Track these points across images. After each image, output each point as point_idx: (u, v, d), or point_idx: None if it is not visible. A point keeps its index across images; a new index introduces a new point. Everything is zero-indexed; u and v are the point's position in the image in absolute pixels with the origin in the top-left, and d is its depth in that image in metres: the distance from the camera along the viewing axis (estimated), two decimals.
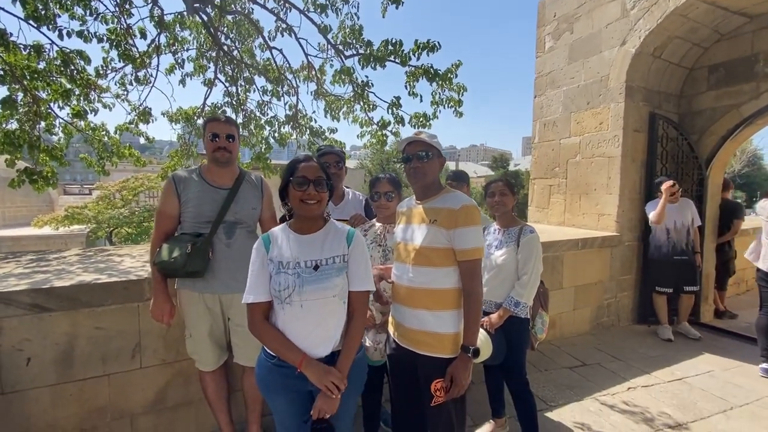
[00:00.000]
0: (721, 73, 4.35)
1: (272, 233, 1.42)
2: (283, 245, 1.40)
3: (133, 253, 2.88)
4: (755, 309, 5.28)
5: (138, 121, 4.13)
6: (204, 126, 2.04)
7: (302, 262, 1.37)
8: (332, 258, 1.40)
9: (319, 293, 1.35)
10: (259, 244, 1.40)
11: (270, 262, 1.36)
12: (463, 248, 1.47)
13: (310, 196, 1.37)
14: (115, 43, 3.41)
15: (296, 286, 1.33)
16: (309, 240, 1.42)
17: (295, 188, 1.37)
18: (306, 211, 1.39)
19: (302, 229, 1.43)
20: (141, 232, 16.88)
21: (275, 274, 1.35)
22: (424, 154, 1.56)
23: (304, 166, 1.41)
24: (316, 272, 1.36)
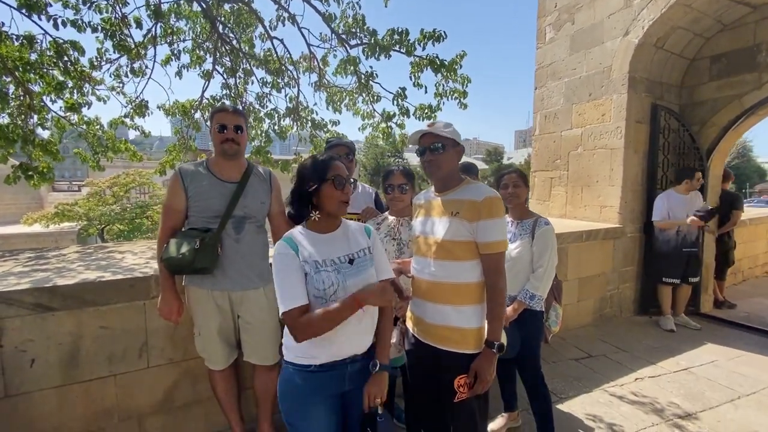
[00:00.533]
0: (723, 64, 4.34)
1: (294, 236, 1.36)
2: (312, 245, 1.35)
3: (134, 250, 2.80)
4: (752, 299, 5.40)
5: (134, 115, 4.01)
6: (211, 117, 1.97)
7: (336, 258, 1.35)
8: (361, 251, 1.42)
9: (362, 285, 1.34)
10: (285, 247, 1.32)
11: (305, 263, 1.30)
12: (486, 241, 1.44)
13: (347, 196, 1.37)
14: (110, 33, 3.29)
15: (340, 282, 1.31)
16: (332, 238, 1.40)
17: (336, 188, 1.34)
18: (342, 211, 1.38)
19: (323, 229, 1.39)
20: (133, 228, 16.68)
21: (315, 273, 1.30)
22: (437, 145, 1.51)
23: (339, 166, 1.38)
24: (352, 266, 1.36)
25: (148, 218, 17.04)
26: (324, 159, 1.39)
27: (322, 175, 1.35)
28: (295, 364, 1.34)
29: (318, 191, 1.35)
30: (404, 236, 2.02)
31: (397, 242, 2.02)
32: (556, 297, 2.24)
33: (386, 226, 2.09)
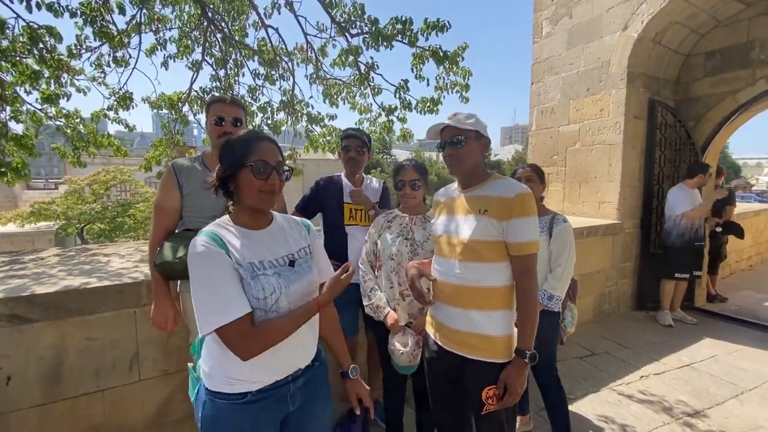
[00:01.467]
0: (718, 60, 4.35)
1: (216, 231, 1.08)
2: (242, 244, 1.09)
3: (121, 252, 2.62)
4: (741, 292, 5.49)
5: (117, 107, 3.77)
6: (207, 107, 1.81)
7: (274, 259, 1.13)
8: (302, 250, 1.22)
9: (304, 291, 1.16)
10: (210, 243, 1.03)
11: (238, 266, 1.05)
12: (517, 241, 1.33)
13: (274, 186, 1.10)
14: (90, 18, 3.05)
15: (282, 288, 1.09)
16: (266, 235, 1.16)
17: (254, 176, 1.07)
18: (266, 203, 1.11)
19: (252, 224, 1.14)
20: (114, 228, 16.15)
21: (252, 279, 1.05)
22: (458, 139, 1.41)
23: (264, 147, 1.10)
24: (293, 269, 1.15)
25: (131, 217, 16.52)
26: (247, 138, 1.12)
27: (240, 159, 1.08)
28: (224, 394, 1.07)
29: (234, 178, 1.09)
30: (418, 236, 1.91)
31: (410, 242, 1.90)
32: (571, 297, 2.17)
33: (398, 224, 1.97)
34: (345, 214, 2.24)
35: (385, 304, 1.89)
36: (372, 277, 1.98)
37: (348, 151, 2.23)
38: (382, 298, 1.90)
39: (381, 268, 1.96)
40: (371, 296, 1.92)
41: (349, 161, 2.24)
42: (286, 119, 4.18)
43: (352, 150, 2.23)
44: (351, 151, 2.22)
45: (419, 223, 1.96)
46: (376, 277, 1.99)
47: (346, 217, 2.24)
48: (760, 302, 4.98)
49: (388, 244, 1.93)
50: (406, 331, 1.81)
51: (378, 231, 2.01)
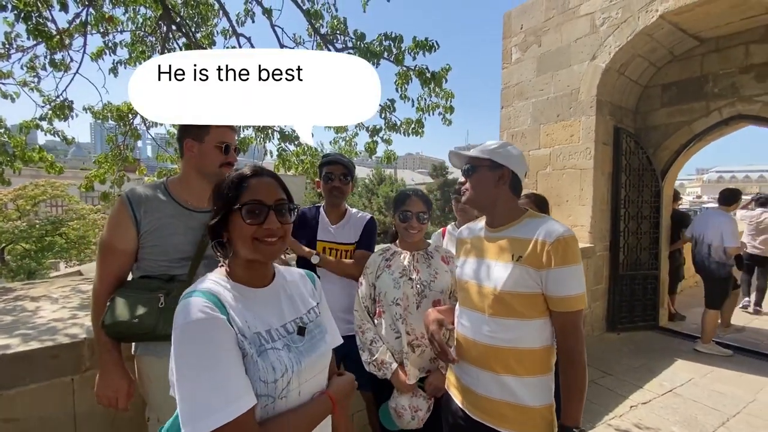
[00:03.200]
0: (674, 92, 4.65)
1: (215, 291, 0.85)
2: (244, 307, 0.87)
3: (53, 294, 2.14)
4: (694, 309, 5.76)
5: (53, 117, 3.23)
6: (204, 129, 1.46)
7: (282, 326, 0.92)
8: (311, 311, 1.02)
9: (318, 365, 0.95)
10: (208, 306, 0.79)
11: (242, 338, 0.82)
12: (561, 295, 1.14)
13: (272, 231, 0.89)
14: (24, 14, 2.58)
15: (294, 365, 0.87)
16: (269, 294, 0.94)
17: (245, 219, 0.87)
18: (264, 254, 0.89)
19: (254, 280, 0.93)
20: (42, 248, 14.46)
21: (259, 355, 0.83)
22: (468, 167, 1.29)
23: (257, 184, 0.90)
24: (304, 338, 0.94)
25: (62, 236, 14.89)
26: (239, 174, 0.91)
27: (229, 201, 0.88)
28: None
29: (225, 223, 0.89)
30: (424, 275, 1.68)
31: (416, 283, 1.66)
32: None
33: (398, 263, 1.73)
34: None
35: (391, 358, 1.62)
36: (371, 326, 1.71)
37: (330, 180, 1.93)
38: (387, 352, 1.64)
39: (381, 314, 1.71)
40: (373, 350, 1.65)
41: (332, 191, 1.94)
42: (255, 136, 3.84)
43: (335, 178, 1.93)
44: (334, 180, 1.93)
45: (423, 260, 1.74)
46: (375, 326, 1.72)
47: None
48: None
49: (390, 286, 1.68)
50: (418, 393, 1.56)
51: (375, 271, 1.75)
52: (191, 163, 1.47)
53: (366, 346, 1.67)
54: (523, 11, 5.13)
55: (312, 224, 1.98)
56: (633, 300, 4.73)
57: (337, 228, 1.97)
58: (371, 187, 30.12)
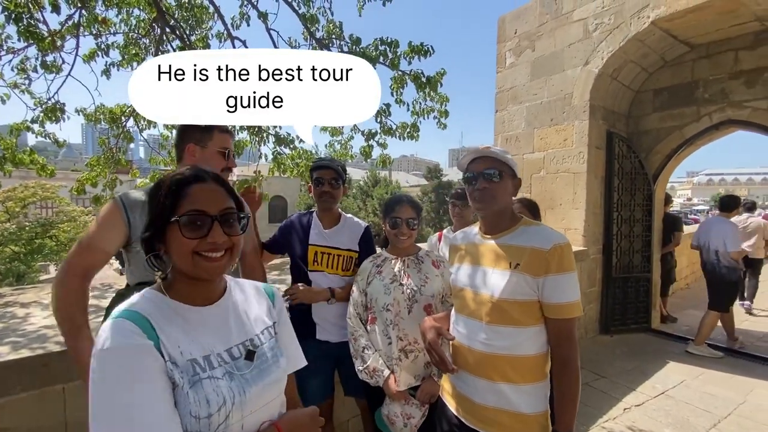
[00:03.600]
0: (665, 97, 4.71)
1: (144, 311, 0.75)
2: (180, 330, 0.77)
3: (43, 299, 2.11)
4: (685, 311, 5.86)
5: (44, 119, 3.19)
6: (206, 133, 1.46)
7: (226, 351, 0.81)
8: (264, 331, 0.90)
9: (268, 395, 0.84)
10: (131, 329, 0.71)
11: (173, 366, 0.72)
12: (557, 302, 1.15)
13: (215, 245, 0.78)
14: (15, 15, 2.54)
15: (236, 396, 0.77)
16: (214, 314, 0.84)
17: (183, 232, 0.76)
18: (208, 271, 0.79)
19: (196, 298, 0.82)
20: (32, 251, 14.22)
21: (191, 386, 0.73)
22: (494, 172, 1.22)
23: (199, 192, 0.79)
24: (252, 363, 0.83)
25: (52, 238, 14.67)
26: (177, 180, 0.80)
27: (165, 211, 0.78)
28: None
29: (162, 234, 0.79)
30: (414, 280, 1.68)
31: (407, 288, 1.66)
32: None
33: (389, 269, 1.73)
34: (309, 258, 1.90)
35: (383, 365, 1.61)
36: (363, 333, 1.70)
37: (320, 185, 1.90)
38: (379, 359, 1.63)
39: (374, 321, 1.70)
40: (365, 357, 1.64)
41: (322, 196, 1.90)
42: (250, 139, 3.82)
43: (325, 183, 1.89)
44: (324, 185, 1.89)
45: (413, 266, 1.74)
46: (368, 333, 1.72)
47: (310, 260, 1.90)
48: None
49: (381, 292, 1.67)
50: (410, 400, 1.56)
51: (367, 278, 1.75)
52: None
53: (359, 354, 1.66)
54: (517, 16, 5.18)
55: (305, 229, 1.97)
56: (626, 302, 4.77)
57: (331, 232, 1.95)
58: (366, 189, 30.15)
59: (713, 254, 4.18)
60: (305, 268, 1.90)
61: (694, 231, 8.23)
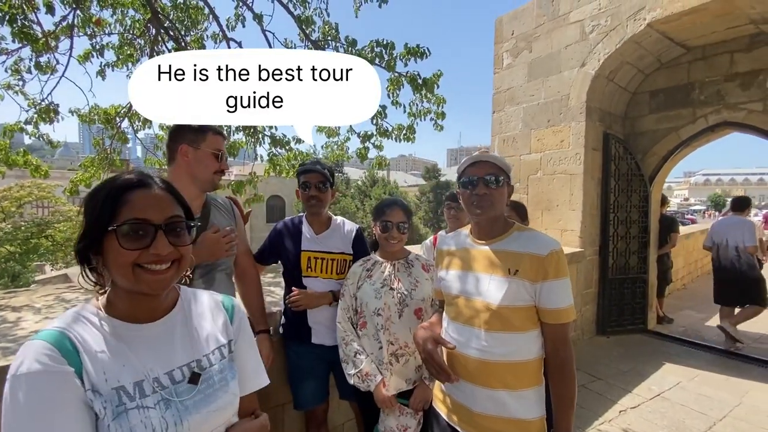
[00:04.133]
0: (661, 99, 4.72)
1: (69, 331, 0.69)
2: (109, 352, 0.70)
3: (36, 303, 2.09)
4: (682, 311, 5.88)
5: (38, 120, 3.17)
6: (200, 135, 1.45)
7: (166, 374, 0.74)
8: (215, 351, 0.83)
9: (212, 422, 0.77)
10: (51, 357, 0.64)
11: (94, 394, 0.66)
12: (554, 308, 1.16)
13: (159, 257, 0.72)
14: (9, 16, 2.52)
15: (170, 427, 0.70)
16: (157, 332, 0.77)
17: (122, 243, 0.70)
18: (151, 285, 0.73)
19: (138, 314, 0.76)
20: (27, 250, 14.15)
21: (114, 417, 0.66)
22: (493, 178, 1.21)
23: (141, 198, 0.73)
24: (197, 386, 0.77)
25: (48, 238, 14.60)
26: (117, 184, 0.73)
27: (102, 219, 0.71)
28: None
29: (98, 248, 0.72)
30: (405, 284, 1.68)
31: (397, 292, 1.66)
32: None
33: (379, 272, 1.72)
34: (302, 264, 1.87)
35: (375, 370, 1.61)
36: (354, 338, 1.69)
37: (307, 189, 1.87)
38: (371, 364, 1.62)
39: (364, 325, 1.69)
40: (357, 362, 1.63)
41: (310, 200, 1.87)
42: (245, 140, 3.80)
43: (311, 187, 1.86)
44: (311, 189, 1.86)
45: (403, 270, 1.74)
46: (359, 337, 1.71)
47: (303, 267, 1.87)
48: (701, 322, 5.34)
49: (371, 297, 1.67)
50: (404, 410, 1.55)
51: (357, 282, 1.74)
52: (183, 168, 1.45)
53: (350, 359, 1.65)
54: (515, 17, 5.18)
55: (295, 235, 1.94)
56: (622, 303, 4.78)
57: (322, 237, 1.93)
58: (364, 189, 30.17)
59: (732, 251, 4.28)
60: (299, 274, 1.88)
61: (691, 232, 8.34)
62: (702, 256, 8.59)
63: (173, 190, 0.80)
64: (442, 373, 1.22)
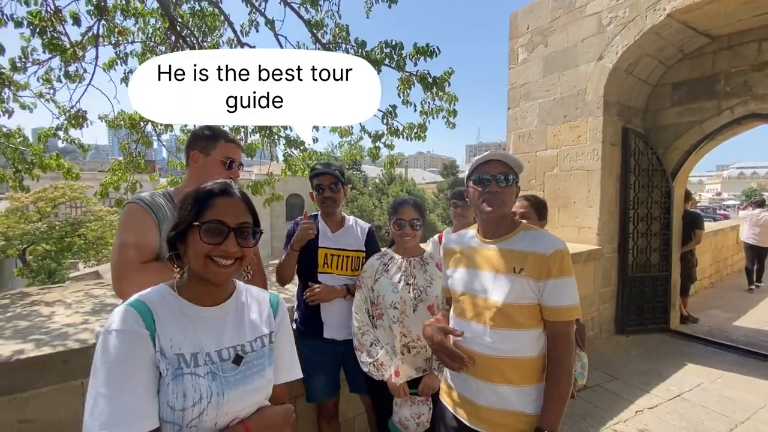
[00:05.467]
0: (684, 91, 4.56)
1: (150, 303, 0.84)
2: (179, 325, 0.85)
3: (67, 299, 2.24)
4: (708, 311, 5.69)
5: (68, 126, 3.36)
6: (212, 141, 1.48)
7: (216, 351, 0.87)
8: (258, 340, 0.95)
9: (247, 400, 0.88)
10: (134, 318, 0.80)
11: (161, 357, 0.80)
12: (558, 305, 1.17)
13: (227, 253, 0.86)
14: (40, 29, 2.70)
15: (214, 395, 0.82)
16: (216, 315, 0.91)
17: (202, 237, 0.85)
18: (215, 276, 0.87)
19: (202, 298, 0.90)
20: (62, 248, 14.90)
21: (173, 379, 0.80)
22: (504, 177, 1.23)
23: (222, 204, 0.88)
24: (239, 368, 0.88)
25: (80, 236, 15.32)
26: (206, 190, 0.90)
27: (190, 216, 0.87)
28: None
29: (184, 236, 0.87)
30: (420, 280, 1.73)
31: (413, 288, 1.71)
32: (580, 344, 2.01)
33: (396, 268, 1.78)
34: (319, 260, 1.95)
35: (389, 361, 1.68)
36: (370, 329, 1.76)
37: (321, 191, 1.96)
38: (386, 354, 1.69)
39: (380, 317, 1.75)
40: (372, 352, 1.70)
41: (324, 201, 1.96)
42: (262, 141, 3.91)
43: (325, 189, 1.94)
44: (325, 191, 1.95)
45: (419, 267, 1.79)
46: (375, 328, 1.77)
47: (320, 263, 1.95)
48: (728, 322, 5.15)
49: (388, 290, 1.73)
50: (415, 399, 1.61)
51: (374, 276, 1.80)
52: (195, 174, 1.51)
53: (365, 348, 1.71)
54: (530, 11, 5.10)
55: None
56: (643, 302, 4.67)
57: (337, 235, 2.01)
58: (381, 186, 30.21)
59: None
60: (315, 270, 1.94)
61: (719, 228, 8.03)
62: (732, 253, 8.25)
63: (248, 200, 0.95)
64: (456, 358, 1.22)
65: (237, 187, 0.95)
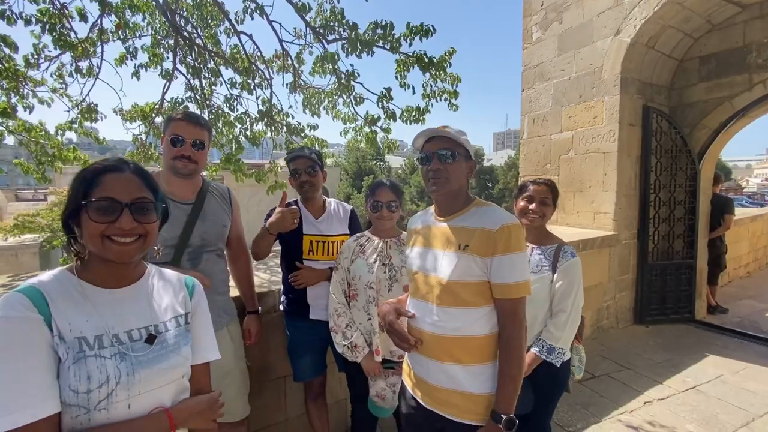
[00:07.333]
0: (713, 65, 4.23)
1: (44, 288, 0.82)
2: (78, 309, 0.83)
3: None
4: (741, 301, 5.35)
5: (82, 120, 3.54)
6: (165, 123, 1.58)
7: (125, 332, 0.86)
8: (172, 319, 0.95)
9: (162, 378, 0.88)
10: (24, 307, 0.78)
11: (60, 341, 0.79)
12: (504, 282, 1.13)
13: (123, 230, 0.84)
14: (49, 26, 2.83)
15: (122, 375, 0.82)
16: (123, 296, 0.90)
17: (91, 217, 0.83)
18: (116, 254, 0.85)
19: (107, 280, 0.89)
20: None
21: (75, 362, 0.79)
22: (448, 153, 1.19)
23: (112, 180, 0.86)
24: (151, 347, 0.88)
25: None
26: (94, 168, 0.87)
27: (80, 194, 0.84)
28: None
29: (78, 220, 0.85)
30: (396, 261, 1.72)
31: (388, 268, 1.70)
32: (578, 336, 1.91)
33: (372, 248, 1.77)
34: (304, 247, 1.94)
35: (363, 342, 1.69)
36: (346, 311, 1.77)
37: (297, 175, 1.93)
38: (360, 336, 1.70)
39: (355, 297, 1.76)
40: (347, 333, 1.71)
41: (302, 186, 1.94)
42: (265, 130, 3.97)
43: (301, 173, 1.92)
44: (301, 175, 1.92)
45: (395, 247, 1.78)
46: (350, 308, 1.78)
47: (305, 250, 1.94)
48: (761, 313, 4.82)
49: (364, 271, 1.73)
50: (388, 372, 1.61)
51: (350, 257, 1.80)
52: (163, 158, 1.58)
53: (340, 330, 1.72)
54: None
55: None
56: (665, 291, 4.44)
57: (320, 221, 2.00)
58: (404, 176, 30.07)
59: None
60: (300, 257, 1.95)
61: (759, 214, 7.47)
62: None
63: (145, 174, 0.91)
64: (404, 340, 1.23)
65: (133, 162, 0.93)
